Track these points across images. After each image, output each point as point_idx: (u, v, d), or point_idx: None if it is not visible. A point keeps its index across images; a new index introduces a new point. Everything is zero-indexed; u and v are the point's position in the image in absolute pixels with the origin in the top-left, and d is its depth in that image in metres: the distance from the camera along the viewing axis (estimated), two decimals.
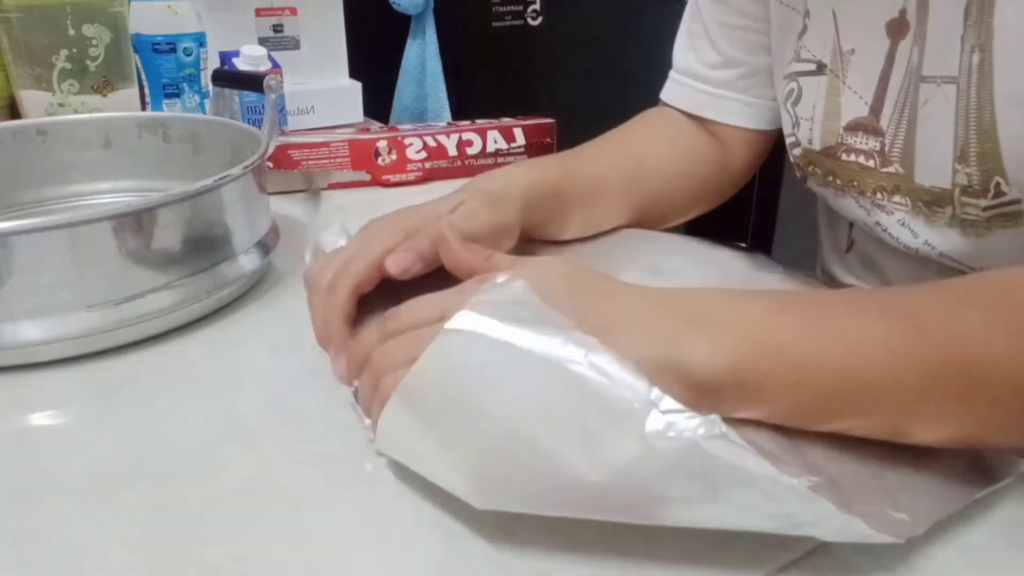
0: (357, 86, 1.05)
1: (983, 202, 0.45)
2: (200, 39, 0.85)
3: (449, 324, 0.33)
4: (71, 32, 0.80)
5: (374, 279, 0.43)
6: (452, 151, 0.85)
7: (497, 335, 0.32)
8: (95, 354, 0.49)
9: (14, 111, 0.85)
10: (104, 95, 0.84)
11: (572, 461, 0.31)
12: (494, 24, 1.56)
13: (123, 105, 0.84)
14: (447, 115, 1.46)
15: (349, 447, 0.41)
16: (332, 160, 0.81)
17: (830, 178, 0.55)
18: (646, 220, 0.61)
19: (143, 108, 0.85)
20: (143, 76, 0.83)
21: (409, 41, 1.46)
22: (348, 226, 0.48)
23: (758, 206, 1.69)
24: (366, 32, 1.20)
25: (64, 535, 0.35)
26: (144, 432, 0.42)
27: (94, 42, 0.81)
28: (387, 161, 0.83)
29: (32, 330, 0.47)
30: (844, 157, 0.53)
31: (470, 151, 0.85)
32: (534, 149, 0.87)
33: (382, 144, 0.83)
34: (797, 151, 0.58)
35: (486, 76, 1.57)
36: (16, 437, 0.42)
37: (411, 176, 0.84)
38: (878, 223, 0.53)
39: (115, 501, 0.37)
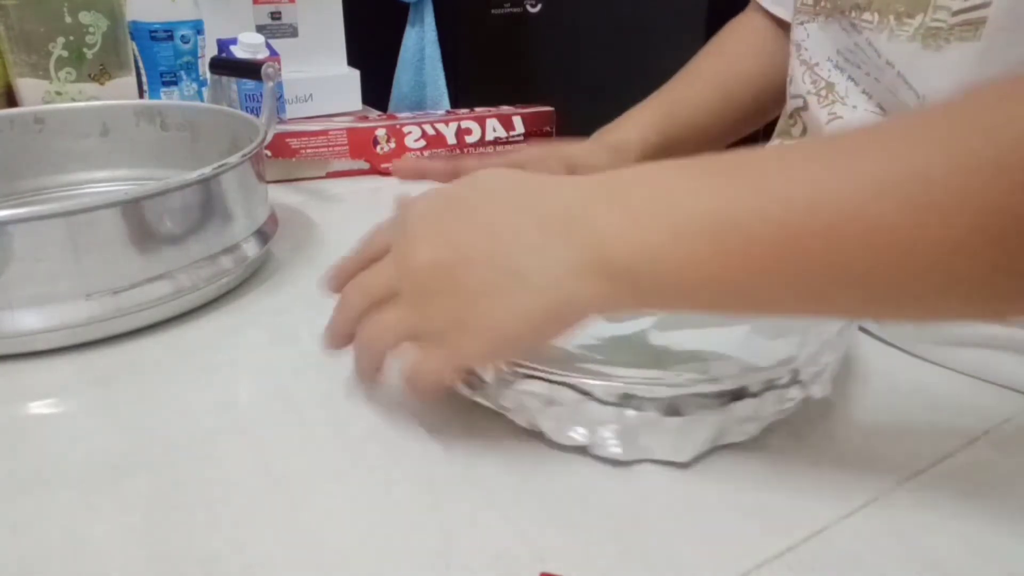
0: (355, 74, 1.05)
1: (955, 4, 0.46)
2: (198, 26, 0.84)
3: None
4: (68, 20, 0.79)
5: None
6: (451, 139, 0.85)
7: None
8: (94, 343, 0.49)
9: (11, 99, 0.85)
10: (101, 83, 0.83)
11: None
12: (493, 11, 1.56)
13: (120, 93, 0.84)
14: (446, 103, 1.46)
15: (348, 435, 0.41)
16: (330, 148, 0.81)
17: (823, 3, 0.56)
18: (737, 135, 0.70)
19: (140, 96, 0.84)
20: (140, 64, 0.83)
21: (408, 29, 1.46)
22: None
23: None
24: (364, 20, 1.19)
25: (63, 523, 0.35)
26: (143, 421, 0.43)
27: (91, 30, 0.81)
28: (385, 149, 0.83)
29: (31, 319, 0.47)
30: None
31: (469, 139, 0.85)
32: (533, 137, 0.87)
33: (381, 132, 0.82)
34: None
35: (485, 64, 1.57)
36: (15, 426, 0.42)
37: None
38: (856, 44, 0.54)
39: (114, 490, 0.37)
